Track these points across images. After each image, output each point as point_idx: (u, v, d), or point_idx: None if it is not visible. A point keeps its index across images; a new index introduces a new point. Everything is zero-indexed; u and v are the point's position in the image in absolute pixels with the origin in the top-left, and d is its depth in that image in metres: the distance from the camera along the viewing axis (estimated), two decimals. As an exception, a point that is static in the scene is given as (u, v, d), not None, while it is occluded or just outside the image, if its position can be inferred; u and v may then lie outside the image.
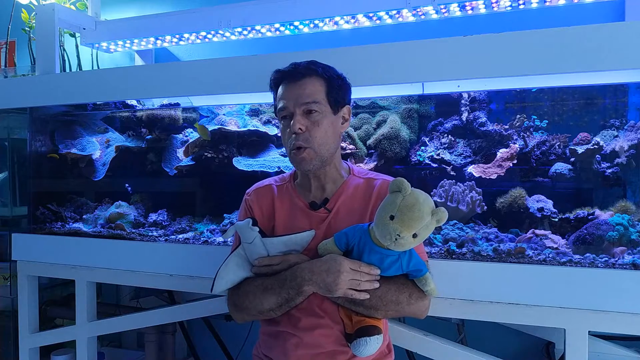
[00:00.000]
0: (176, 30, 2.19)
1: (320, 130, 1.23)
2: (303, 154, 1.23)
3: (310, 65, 1.25)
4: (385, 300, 1.16)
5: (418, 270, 1.17)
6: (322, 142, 1.23)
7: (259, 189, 1.38)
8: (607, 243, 1.41)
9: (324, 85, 1.24)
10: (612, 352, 1.55)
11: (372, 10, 1.87)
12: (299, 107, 1.22)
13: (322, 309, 1.21)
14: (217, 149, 1.95)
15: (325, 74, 1.25)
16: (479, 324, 1.51)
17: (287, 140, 1.26)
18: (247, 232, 1.21)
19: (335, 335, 1.21)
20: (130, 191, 2.12)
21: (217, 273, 1.25)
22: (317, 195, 1.31)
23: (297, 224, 1.27)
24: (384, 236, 1.10)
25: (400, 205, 1.09)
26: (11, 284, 2.21)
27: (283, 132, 1.29)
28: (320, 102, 1.23)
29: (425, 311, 1.23)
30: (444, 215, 1.10)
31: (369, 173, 1.36)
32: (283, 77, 1.27)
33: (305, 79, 1.23)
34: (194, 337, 2.40)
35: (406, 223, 1.07)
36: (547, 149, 1.68)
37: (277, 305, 1.19)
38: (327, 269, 1.14)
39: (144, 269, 1.80)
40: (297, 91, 1.22)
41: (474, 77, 1.45)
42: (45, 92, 1.99)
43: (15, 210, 2.26)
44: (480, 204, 1.63)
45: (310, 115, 1.22)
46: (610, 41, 1.31)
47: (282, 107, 1.25)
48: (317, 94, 1.23)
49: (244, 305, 1.23)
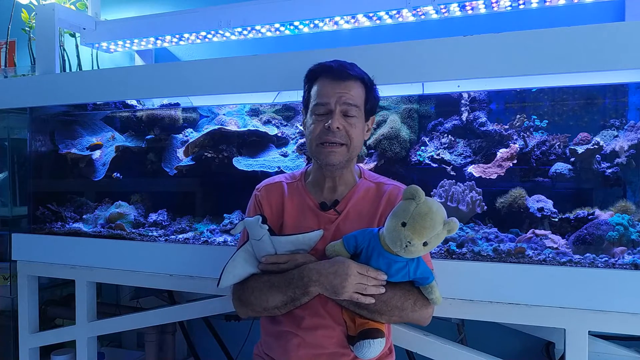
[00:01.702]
0: (176, 30, 2.19)
1: (356, 132, 1.25)
2: (335, 149, 1.23)
3: (355, 68, 1.27)
4: (390, 306, 1.16)
5: (425, 278, 1.17)
6: (355, 144, 1.26)
7: (269, 185, 1.37)
8: (607, 243, 1.41)
9: (365, 92, 1.27)
10: (612, 352, 1.55)
11: (372, 10, 1.87)
12: (341, 106, 1.23)
13: (325, 310, 1.22)
14: (217, 149, 1.94)
15: (369, 83, 1.28)
16: (479, 324, 1.51)
17: (316, 134, 1.25)
18: (256, 229, 1.21)
19: (338, 337, 1.21)
20: (119, 177, 2.11)
21: (224, 268, 1.25)
22: (327, 196, 1.31)
23: (305, 223, 1.28)
24: (395, 242, 1.10)
25: (413, 212, 1.08)
26: (11, 284, 2.20)
27: (313, 124, 1.27)
28: (359, 107, 1.25)
29: (428, 319, 1.24)
30: (455, 226, 1.10)
31: (379, 177, 1.37)
32: (327, 72, 1.26)
33: (351, 81, 1.25)
34: (194, 337, 2.40)
35: (418, 231, 1.07)
36: (547, 149, 1.68)
37: (282, 303, 1.19)
38: (335, 271, 1.14)
39: (144, 269, 1.80)
40: (342, 91, 1.23)
41: (474, 77, 1.45)
42: (45, 92, 1.99)
43: (15, 210, 2.26)
44: (480, 204, 1.63)
45: (347, 118, 1.24)
46: (610, 41, 1.31)
47: (322, 103, 1.24)
48: (358, 98, 1.25)
49: (249, 301, 1.23)
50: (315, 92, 1.27)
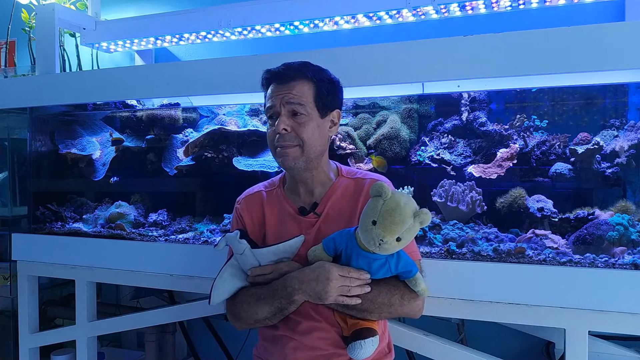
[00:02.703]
0: (176, 30, 2.19)
1: (306, 132, 1.22)
2: (287, 150, 1.22)
3: (300, 67, 1.25)
4: (377, 303, 1.16)
5: (408, 271, 1.16)
6: (308, 143, 1.23)
7: (249, 196, 1.37)
8: (607, 243, 1.41)
9: (312, 88, 1.24)
10: (612, 352, 1.55)
11: (372, 10, 1.86)
12: (285, 106, 1.22)
13: (318, 312, 1.22)
14: (217, 149, 1.94)
15: (315, 78, 1.24)
16: (479, 324, 1.51)
17: (272, 139, 1.26)
18: (236, 244, 1.21)
19: (333, 338, 1.21)
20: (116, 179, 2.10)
21: (212, 285, 1.25)
22: (306, 200, 1.30)
23: (287, 230, 1.27)
24: (368, 241, 1.09)
25: (381, 210, 1.08)
26: (11, 284, 2.21)
27: (268, 131, 1.28)
28: (306, 104, 1.22)
29: (420, 311, 1.23)
30: (426, 216, 1.08)
31: (358, 173, 1.35)
32: (273, 77, 1.27)
33: (295, 81, 1.23)
34: (194, 337, 2.40)
35: (388, 228, 1.06)
36: (547, 149, 1.68)
37: (271, 314, 1.20)
38: (316, 277, 1.14)
39: (144, 269, 1.80)
40: (285, 92, 1.23)
41: (474, 77, 1.45)
42: (45, 92, 1.99)
43: (15, 210, 2.26)
44: (480, 204, 1.63)
45: (295, 117, 1.22)
46: (610, 41, 1.31)
47: (269, 106, 1.25)
48: (304, 96, 1.22)
49: (240, 315, 1.24)
50: (267, 97, 1.28)
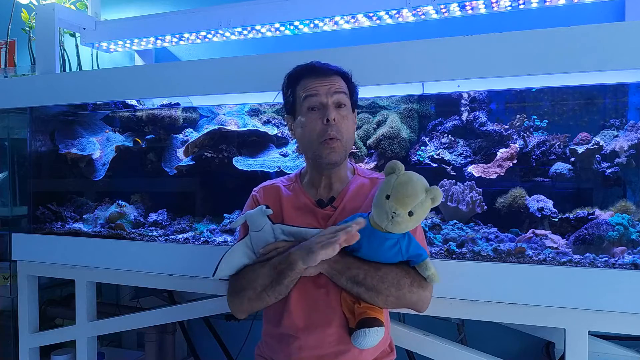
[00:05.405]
0: (176, 30, 2.19)
1: (348, 124, 1.28)
2: (335, 144, 1.25)
3: (331, 65, 1.31)
4: (387, 282, 1.17)
5: (418, 255, 1.18)
6: (348, 137, 1.29)
7: (267, 187, 1.40)
8: (607, 243, 1.41)
9: (346, 85, 1.31)
10: (612, 352, 1.55)
11: (372, 10, 1.87)
12: (332, 96, 1.25)
13: (323, 310, 1.22)
14: (217, 149, 1.94)
15: (349, 76, 1.32)
16: (479, 324, 1.51)
17: (316, 131, 1.26)
18: (259, 218, 1.23)
19: (338, 335, 1.21)
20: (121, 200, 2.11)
21: (221, 258, 1.25)
22: (323, 194, 1.33)
23: (303, 220, 1.29)
24: (381, 216, 1.13)
25: (395, 184, 1.12)
26: (11, 284, 2.21)
27: (311, 122, 1.27)
28: (348, 96, 1.30)
29: (427, 302, 1.23)
30: (438, 193, 1.12)
31: (372, 173, 1.40)
32: (310, 71, 1.29)
33: (335, 75, 1.29)
34: (194, 337, 2.40)
35: (401, 200, 1.10)
36: (547, 149, 1.68)
37: (270, 279, 1.19)
38: (309, 239, 1.18)
39: (144, 269, 1.80)
40: (329, 83, 1.26)
41: (474, 77, 1.45)
42: (45, 92, 1.99)
43: (15, 210, 2.26)
44: (480, 204, 1.63)
45: (339, 109, 1.27)
46: (610, 41, 1.31)
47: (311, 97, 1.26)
48: (345, 89, 1.30)
49: (241, 286, 1.23)
50: (303, 90, 1.28)
